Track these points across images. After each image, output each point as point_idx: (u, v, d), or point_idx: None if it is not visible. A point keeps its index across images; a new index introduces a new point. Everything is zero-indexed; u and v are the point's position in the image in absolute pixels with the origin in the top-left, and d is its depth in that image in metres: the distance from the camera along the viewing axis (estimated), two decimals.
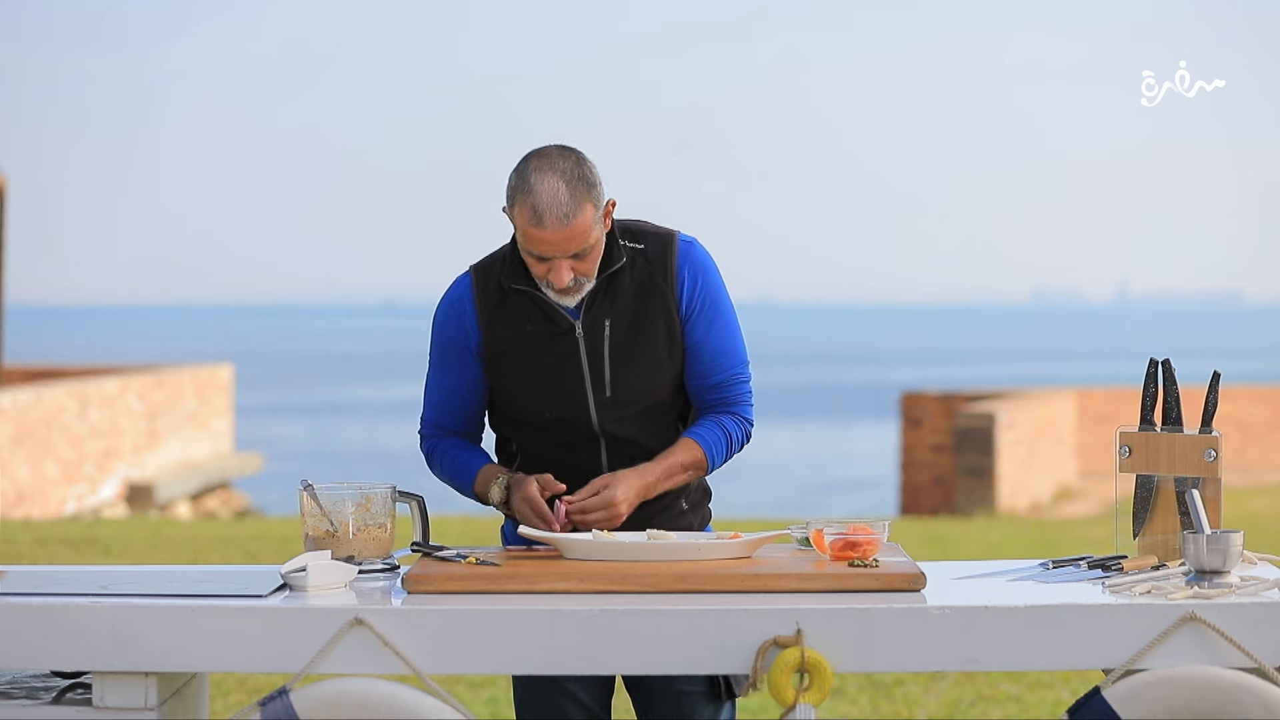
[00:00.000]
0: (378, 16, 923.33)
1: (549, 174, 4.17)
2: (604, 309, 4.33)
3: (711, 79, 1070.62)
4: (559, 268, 4.21)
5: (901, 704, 7.82)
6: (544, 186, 4.16)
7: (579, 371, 4.34)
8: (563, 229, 4.16)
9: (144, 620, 3.78)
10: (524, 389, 4.36)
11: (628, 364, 4.34)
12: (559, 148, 4.24)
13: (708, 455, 4.39)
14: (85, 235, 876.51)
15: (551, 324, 4.34)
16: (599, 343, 4.33)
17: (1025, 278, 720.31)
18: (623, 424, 4.36)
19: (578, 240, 4.19)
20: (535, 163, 4.20)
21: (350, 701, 3.70)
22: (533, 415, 4.37)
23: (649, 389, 4.37)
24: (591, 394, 4.34)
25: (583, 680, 4.33)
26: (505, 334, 4.35)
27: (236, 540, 14.18)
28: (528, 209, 4.16)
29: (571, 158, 4.21)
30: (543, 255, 4.20)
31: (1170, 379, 4.30)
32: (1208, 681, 3.73)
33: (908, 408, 22.17)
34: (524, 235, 4.20)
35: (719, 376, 4.42)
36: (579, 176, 4.19)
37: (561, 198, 4.16)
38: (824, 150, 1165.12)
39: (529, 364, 4.34)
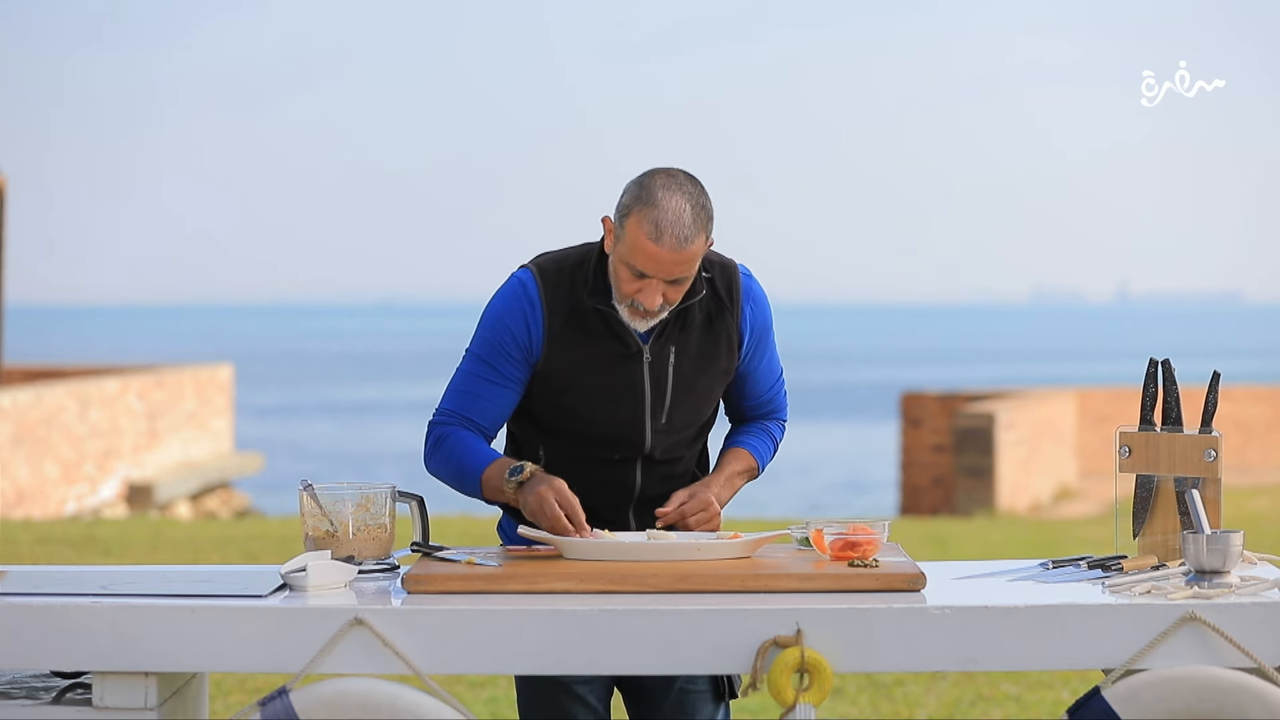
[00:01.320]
0: (378, 17, 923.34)
1: (677, 194, 4.15)
2: (673, 337, 4.31)
3: (712, 79, 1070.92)
4: (652, 289, 4.17)
5: (901, 704, 7.83)
6: (671, 204, 4.13)
7: (641, 396, 4.31)
8: (678, 251, 4.12)
9: (144, 620, 3.78)
10: (582, 405, 4.30)
11: (688, 394, 4.34)
12: (685, 173, 4.21)
13: (759, 461, 4.48)
14: (85, 235, 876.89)
15: (621, 345, 4.29)
16: (664, 370, 4.31)
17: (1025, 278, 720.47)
18: (668, 448, 4.37)
19: (685, 266, 4.16)
20: (661, 180, 4.17)
21: (350, 701, 3.70)
22: (583, 431, 4.33)
23: (700, 416, 4.39)
24: (650, 419, 4.32)
25: (588, 681, 4.32)
26: (573, 348, 4.29)
27: (236, 540, 14.18)
28: (649, 222, 4.12)
29: (697, 185, 4.20)
30: (644, 272, 4.15)
31: (1170, 379, 4.30)
32: (1208, 681, 3.73)
33: (908, 408, 22.17)
34: (633, 247, 4.14)
35: (768, 394, 4.51)
36: (702, 205, 4.17)
37: (685, 219, 4.13)
38: (824, 150, 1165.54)
39: (592, 382, 4.29)
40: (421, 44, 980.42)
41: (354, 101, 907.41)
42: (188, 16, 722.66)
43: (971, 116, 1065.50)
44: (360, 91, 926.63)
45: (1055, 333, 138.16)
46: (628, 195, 4.18)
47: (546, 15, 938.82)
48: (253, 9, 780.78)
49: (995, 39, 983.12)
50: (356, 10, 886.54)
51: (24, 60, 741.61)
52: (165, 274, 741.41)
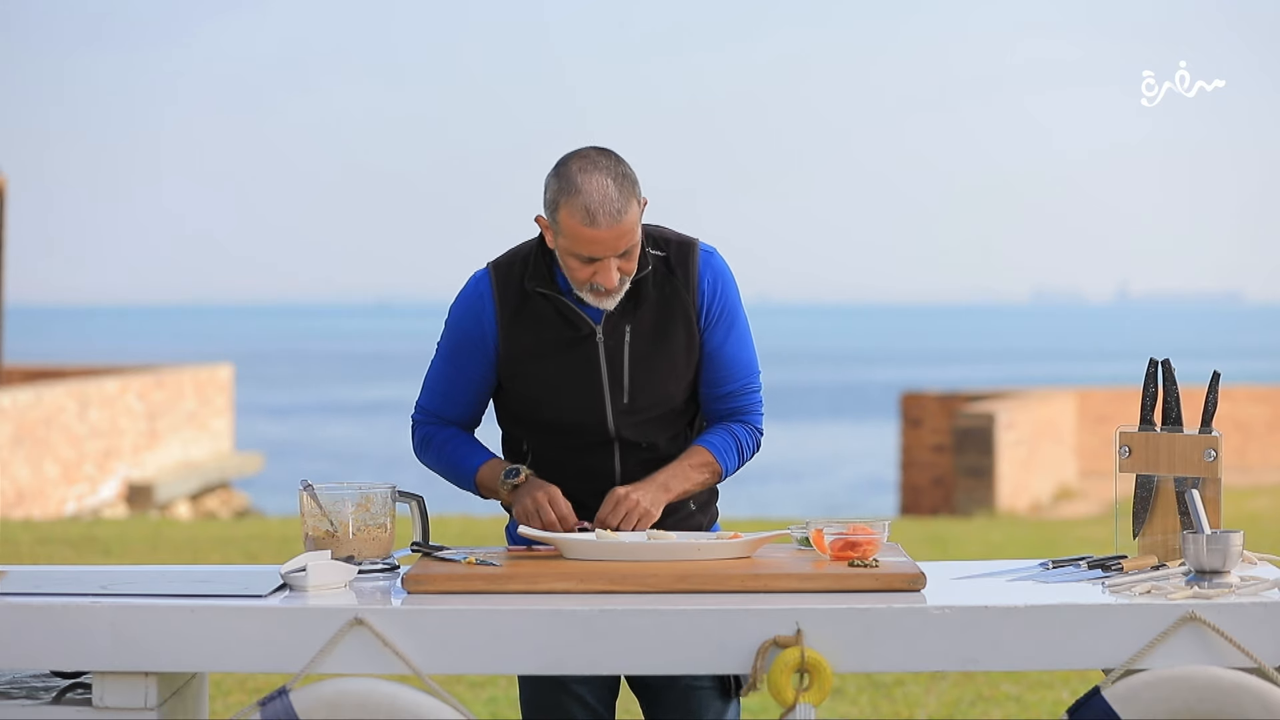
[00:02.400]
0: (379, 17, 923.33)
1: (595, 173, 4.15)
2: (626, 315, 4.31)
3: (712, 79, 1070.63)
4: (607, 268, 4.18)
5: (901, 704, 7.82)
6: (593, 185, 4.14)
7: (598, 377, 4.32)
8: (615, 226, 4.13)
9: (144, 620, 3.78)
10: (541, 393, 4.33)
11: (647, 372, 4.33)
12: (596, 148, 4.21)
13: (720, 462, 4.40)
14: (85, 235, 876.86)
15: (572, 329, 4.31)
16: (619, 349, 4.31)
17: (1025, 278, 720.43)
18: (638, 430, 4.35)
19: (627, 238, 4.17)
20: (577, 164, 4.17)
21: (350, 701, 3.70)
22: (547, 419, 4.35)
23: (665, 396, 4.36)
24: (610, 400, 4.32)
25: (588, 681, 4.32)
26: (525, 337, 4.32)
27: (236, 540, 14.18)
28: (578, 210, 4.13)
29: (612, 156, 4.20)
30: (593, 256, 4.17)
31: (1170, 379, 4.30)
32: (1208, 681, 3.73)
33: (908, 408, 22.17)
34: (573, 237, 4.16)
35: (732, 385, 4.42)
36: (623, 174, 4.18)
37: (611, 194, 4.14)
38: (824, 150, 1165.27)
39: (548, 368, 4.32)
40: (421, 44, 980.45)
41: (354, 101, 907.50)
42: (188, 16, 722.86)
43: (972, 116, 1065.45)
44: (360, 91, 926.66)
45: (1055, 333, 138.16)
46: (550, 190, 4.20)
47: (546, 15, 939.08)
48: (253, 9, 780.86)
49: (995, 39, 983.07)
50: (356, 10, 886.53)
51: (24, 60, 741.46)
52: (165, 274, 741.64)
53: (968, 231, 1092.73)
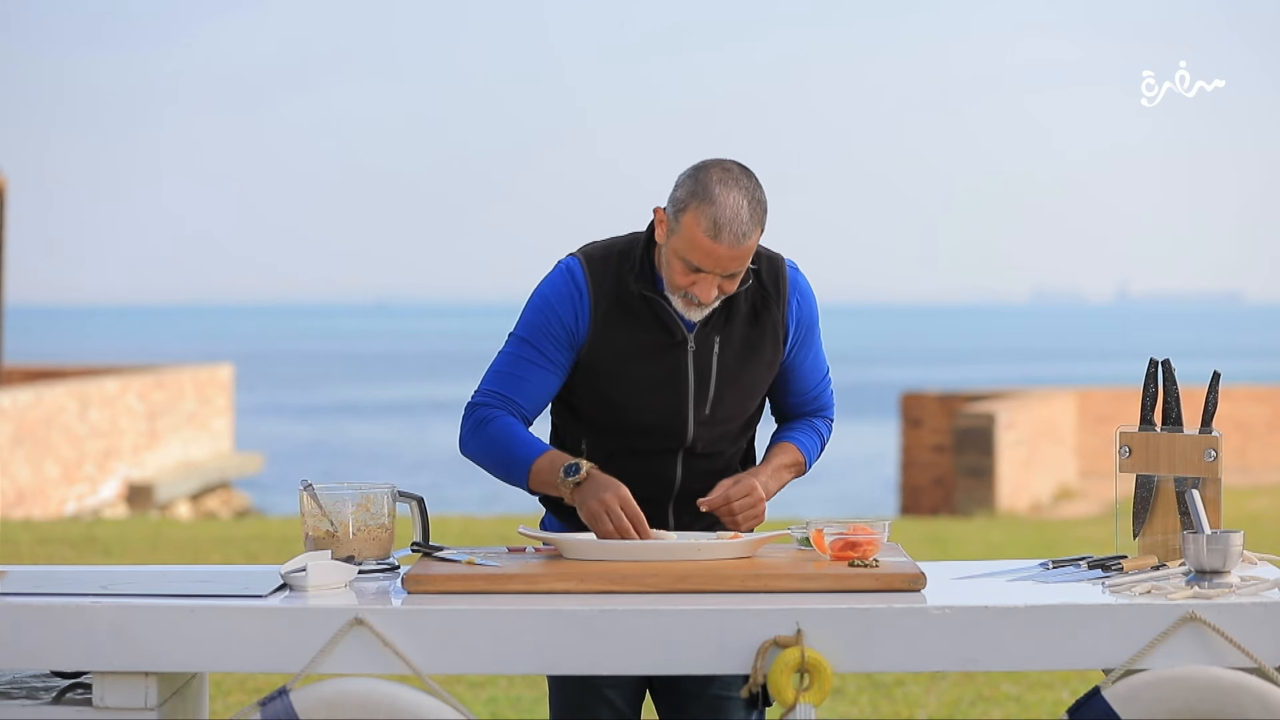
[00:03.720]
0: (379, 17, 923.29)
1: (734, 189, 4.11)
2: (718, 327, 4.28)
3: (712, 79, 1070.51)
4: (708, 283, 4.14)
5: (901, 704, 7.82)
6: (729, 200, 4.09)
7: (684, 385, 4.28)
8: (736, 247, 4.10)
9: (144, 620, 3.78)
10: (624, 394, 4.27)
11: (732, 385, 4.31)
12: (740, 165, 4.17)
13: (806, 458, 4.45)
14: (85, 235, 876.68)
15: (666, 333, 4.26)
16: (708, 359, 4.28)
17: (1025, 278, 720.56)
18: (711, 441, 4.33)
19: (741, 261, 4.13)
20: (717, 174, 4.12)
21: (350, 701, 3.70)
22: (625, 421, 4.29)
23: (743, 409, 4.35)
24: (693, 410, 4.29)
25: (617, 685, 4.30)
26: (618, 336, 4.26)
27: (236, 540, 14.18)
28: (706, 219, 4.08)
29: (753, 178, 4.16)
30: (700, 267, 4.12)
31: (1170, 379, 4.30)
32: (1208, 681, 3.73)
33: (908, 408, 22.16)
34: (690, 243, 4.11)
35: (814, 391, 4.47)
36: (758, 199, 4.14)
37: (743, 216, 4.09)
38: (824, 150, 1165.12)
39: (636, 370, 4.26)
40: (422, 44, 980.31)
41: (354, 101, 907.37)
42: (188, 16, 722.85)
43: (972, 117, 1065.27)
44: (360, 91, 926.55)
45: (1055, 333, 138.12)
46: (683, 189, 4.14)
47: (546, 15, 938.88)
48: (253, 9, 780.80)
49: (995, 39, 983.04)
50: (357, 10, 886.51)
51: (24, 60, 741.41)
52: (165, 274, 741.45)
53: (968, 232, 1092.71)
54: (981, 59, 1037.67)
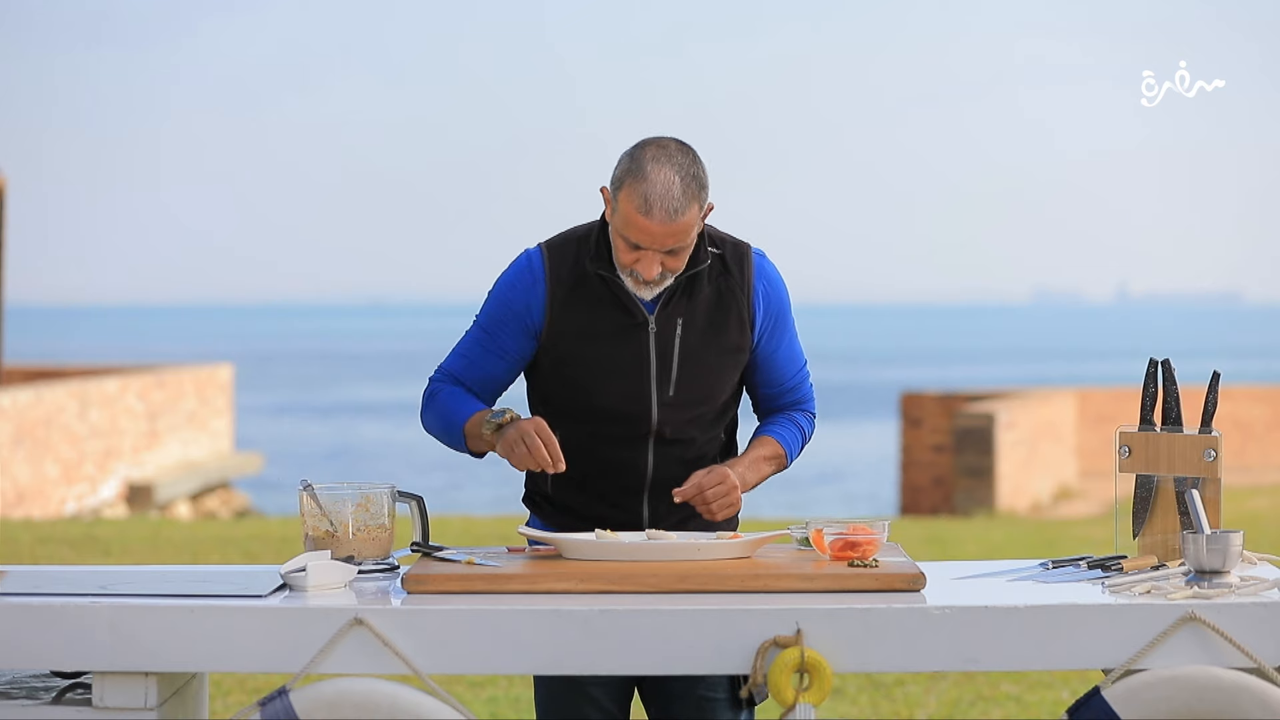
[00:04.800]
0: (379, 17, 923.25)
1: (666, 165, 4.16)
2: (679, 308, 4.30)
3: (712, 78, 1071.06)
4: (650, 259, 4.19)
5: (901, 704, 7.83)
6: (659, 177, 4.14)
7: (646, 366, 4.30)
8: (669, 223, 4.14)
9: (144, 620, 3.78)
10: (587, 376, 4.30)
11: (695, 365, 4.32)
12: (677, 142, 4.22)
13: (787, 451, 4.45)
14: (85, 235, 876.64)
15: (627, 314, 4.30)
16: (670, 340, 4.30)
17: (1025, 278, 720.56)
18: (679, 426, 4.33)
19: (678, 237, 4.17)
20: (652, 151, 4.18)
21: (350, 701, 3.70)
22: (589, 406, 4.31)
23: (710, 393, 4.35)
24: (655, 391, 4.31)
25: (603, 684, 4.31)
26: (577, 318, 4.30)
27: (236, 540, 14.18)
28: (638, 196, 4.14)
29: (689, 154, 4.20)
30: (639, 244, 4.18)
31: (1170, 379, 4.30)
32: (1208, 681, 3.73)
33: (908, 408, 22.17)
34: (625, 220, 4.17)
35: (790, 383, 4.48)
36: (693, 175, 4.18)
37: (674, 192, 4.14)
38: (824, 150, 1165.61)
39: (597, 352, 4.30)
40: (421, 44, 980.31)
41: (354, 101, 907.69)
42: (187, 15, 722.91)
43: (971, 116, 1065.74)
44: (360, 91, 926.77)
45: (1055, 333, 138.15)
46: (620, 167, 4.21)
47: (546, 15, 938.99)
48: (253, 9, 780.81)
49: (995, 39, 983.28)
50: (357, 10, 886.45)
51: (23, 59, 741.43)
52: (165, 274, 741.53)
53: (968, 232, 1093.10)
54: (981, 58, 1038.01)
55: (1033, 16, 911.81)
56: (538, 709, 4.39)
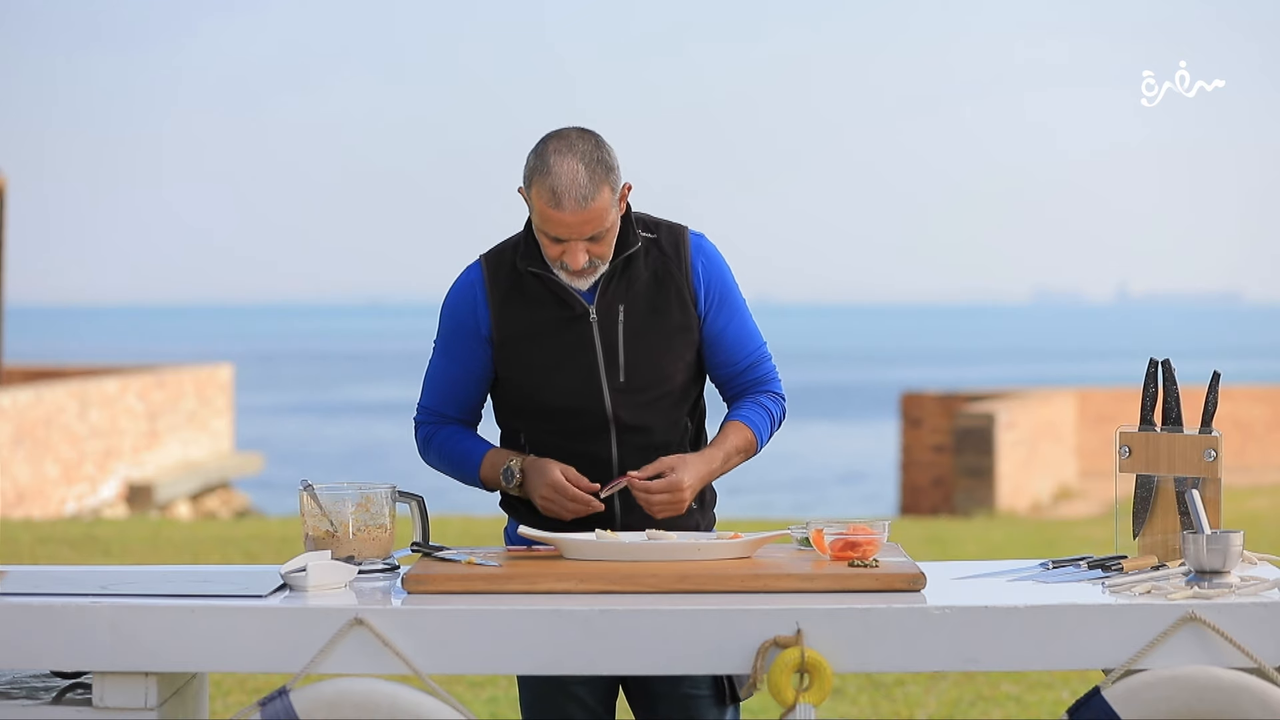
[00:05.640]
0: (379, 17, 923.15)
1: (568, 156, 4.18)
2: (619, 294, 4.33)
3: (712, 78, 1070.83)
4: (574, 250, 4.22)
5: (901, 704, 7.83)
6: (563, 168, 4.17)
7: (593, 356, 4.32)
8: (580, 211, 4.17)
9: (144, 620, 3.78)
10: (536, 374, 4.33)
11: (642, 349, 4.33)
12: (578, 130, 4.25)
13: (757, 436, 4.43)
14: (85, 235, 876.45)
15: (566, 308, 4.32)
16: (613, 327, 4.32)
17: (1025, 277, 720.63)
18: (635, 412, 4.34)
19: (594, 223, 4.20)
20: (554, 144, 4.21)
21: (350, 701, 3.70)
22: (544, 403, 4.34)
23: (662, 375, 4.36)
24: (605, 379, 4.32)
25: (588, 683, 4.32)
26: (518, 318, 4.34)
27: (236, 540, 14.17)
28: (546, 190, 4.17)
29: (590, 140, 4.23)
30: (559, 237, 4.21)
31: (1170, 379, 4.30)
32: (1208, 681, 3.73)
33: (908, 408, 22.17)
34: (541, 216, 4.21)
35: (746, 361, 4.45)
36: (598, 159, 4.20)
37: (580, 180, 4.17)
38: (824, 150, 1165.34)
39: (542, 348, 4.32)
40: (422, 44, 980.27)
41: (354, 101, 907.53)
42: (188, 15, 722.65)
43: (972, 116, 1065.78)
44: (360, 91, 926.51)
45: (1055, 333, 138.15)
46: (527, 165, 4.24)
47: (547, 15, 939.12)
48: (253, 8, 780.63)
49: (995, 39, 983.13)
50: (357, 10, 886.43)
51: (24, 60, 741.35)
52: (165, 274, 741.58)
53: (968, 231, 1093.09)
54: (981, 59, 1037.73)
55: (1033, 17, 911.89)
56: (522, 710, 4.41)
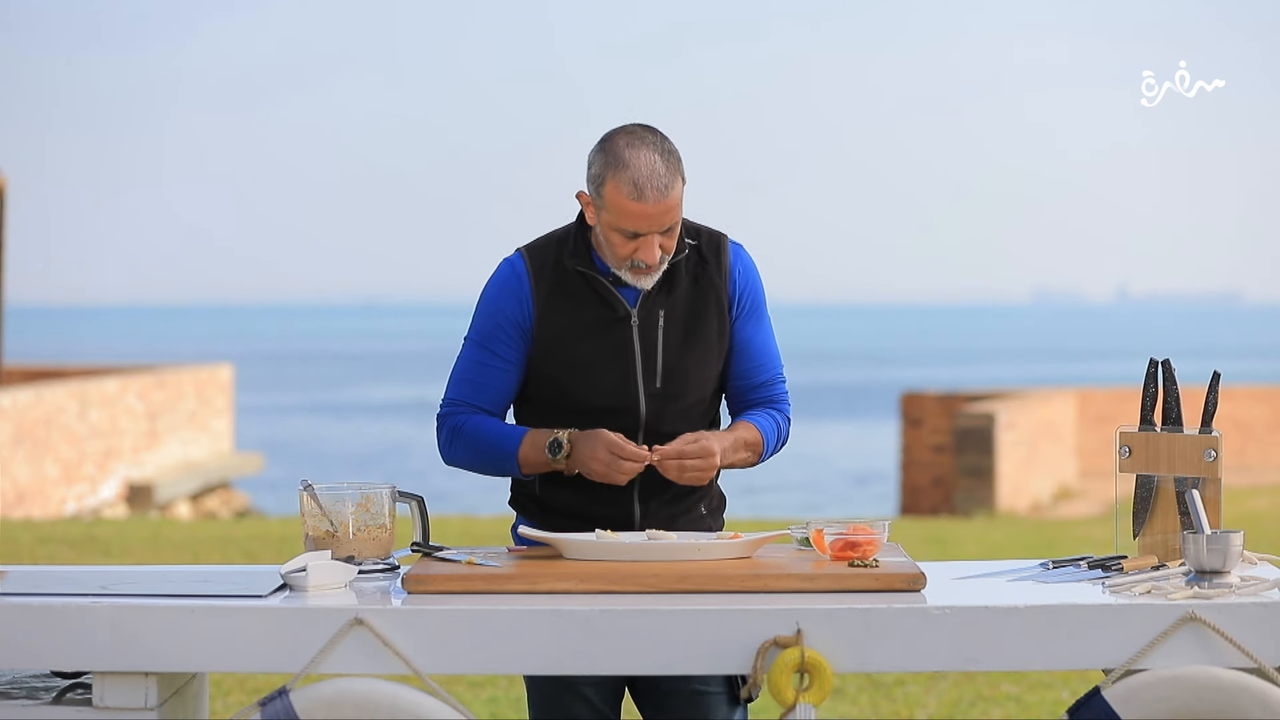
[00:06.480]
0: (380, 17, 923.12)
1: (642, 148, 4.18)
2: (660, 299, 4.31)
3: (713, 79, 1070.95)
4: (650, 244, 4.20)
5: (901, 704, 7.83)
6: (641, 160, 4.16)
7: (631, 359, 4.30)
8: (662, 201, 4.16)
9: (144, 620, 3.78)
10: (575, 373, 4.30)
11: (680, 356, 4.32)
12: (641, 125, 4.25)
13: (764, 440, 4.41)
14: (85, 235, 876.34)
15: (609, 309, 4.30)
16: (653, 331, 4.31)
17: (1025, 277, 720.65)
18: (667, 418, 4.33)
19: (672, 214, 4.19)
20: (623, 139, 4.20)
21: (350, 701, 3.70)
22: (579, 402, 4.31)
23: (697, 382, 4.35)
24: (642, 383, 4.31)
25: (596, 684, 4.30)
26: (561, 317, 4.31)
27: (236, 540, 14.18)
28: (626, 183, 4.15)
29: (657, 133, 4.23)
30: (638, 231, 4.18)
31: (1170, 379, 4.30)
32: (1208, 681, 3.73)
33: (908, 408, 22.17)
34: (619, 212, 4.17)
35: (763, 376, 4.44)
36: (669, 150, 4.21)
37: (659, 170, 4.16)
38: (824, 150, 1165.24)
39: (582, 348, 4.30)
40: (422, 43, 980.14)
41: (354, 101, 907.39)
42: (188, 15, 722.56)
43: (972, 116, 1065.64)
44: (360, 91, 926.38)
45: (1055, 333, 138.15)
46: (596, 164, 4.22)
47: (549, 15, 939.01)
48: (253, 9, 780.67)
49: (996, 39, 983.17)
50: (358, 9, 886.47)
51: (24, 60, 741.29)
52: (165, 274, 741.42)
53: (968, 231, 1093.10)
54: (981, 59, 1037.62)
55: (1033, 17, 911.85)
56: (530, 709, 4.39)
